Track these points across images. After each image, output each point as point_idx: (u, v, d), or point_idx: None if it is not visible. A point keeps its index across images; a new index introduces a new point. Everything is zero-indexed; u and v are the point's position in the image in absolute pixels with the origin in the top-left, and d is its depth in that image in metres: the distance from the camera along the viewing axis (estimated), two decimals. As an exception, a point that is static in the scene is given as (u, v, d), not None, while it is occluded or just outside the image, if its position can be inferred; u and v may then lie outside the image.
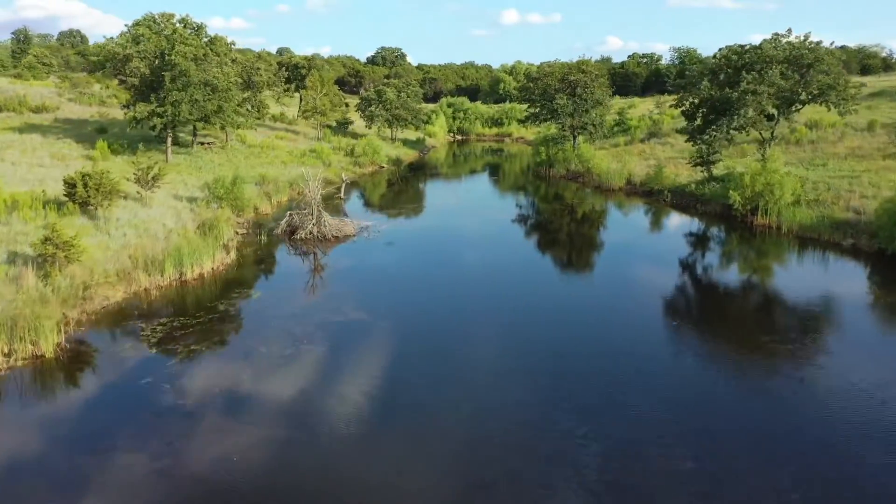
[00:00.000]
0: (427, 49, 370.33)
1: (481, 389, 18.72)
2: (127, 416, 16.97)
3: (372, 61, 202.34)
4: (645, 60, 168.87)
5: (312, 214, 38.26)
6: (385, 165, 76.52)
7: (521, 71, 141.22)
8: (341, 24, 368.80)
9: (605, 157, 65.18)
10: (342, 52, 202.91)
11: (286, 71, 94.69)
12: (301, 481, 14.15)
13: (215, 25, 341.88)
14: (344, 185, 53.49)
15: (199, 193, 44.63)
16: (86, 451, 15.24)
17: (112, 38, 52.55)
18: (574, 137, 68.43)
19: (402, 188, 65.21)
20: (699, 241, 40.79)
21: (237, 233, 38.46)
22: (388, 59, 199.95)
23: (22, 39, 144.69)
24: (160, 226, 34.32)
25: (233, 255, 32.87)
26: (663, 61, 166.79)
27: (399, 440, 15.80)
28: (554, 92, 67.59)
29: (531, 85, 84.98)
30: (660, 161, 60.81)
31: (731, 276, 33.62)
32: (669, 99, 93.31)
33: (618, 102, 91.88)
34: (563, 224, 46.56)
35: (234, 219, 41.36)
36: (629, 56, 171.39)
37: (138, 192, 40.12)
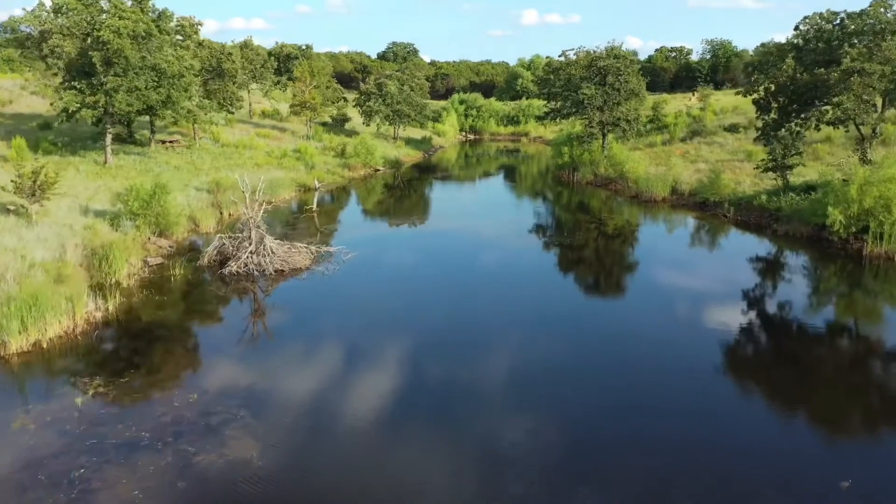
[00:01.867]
0: (444, 50, 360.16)
1: None
2: None
3: (382, 57, 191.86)
4: (673, 55, 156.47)
5: (250, 239, 27.62)
6: (381, 168, 65.87)
7: (540, 65, 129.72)
8: (360, 24, 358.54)
9: (641, 159, 53.90)
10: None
11: (276, 61, 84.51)
12: None
13: (236, 26, 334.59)
14: (317, 192, 42.88)
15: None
16: None
17: (32, 10, 42.29)
18: (603, 136, 57.15)
19: (395, 196, 54.47)
20: (781, 276, 29.54)
21: (147, 264, 27.94)
22: (399, 55, 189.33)
23: (9, 32, 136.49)
24: (20, 258, 23.86)
25: (114, 304, 22.26)
26: (693, 56, 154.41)
27: None
28: (579, 80, 56.41)
29: (551, 76, 73.93)
30: (710, 164, 49.53)
31: (838, 330, 22.53)
32: (713, 92, 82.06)
33: (648, 98, 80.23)
34: (600, 249, 35.50)
35: (154, 242, 30.94)
36: (656, 50, 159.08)
37: (23, 207, 29.86)
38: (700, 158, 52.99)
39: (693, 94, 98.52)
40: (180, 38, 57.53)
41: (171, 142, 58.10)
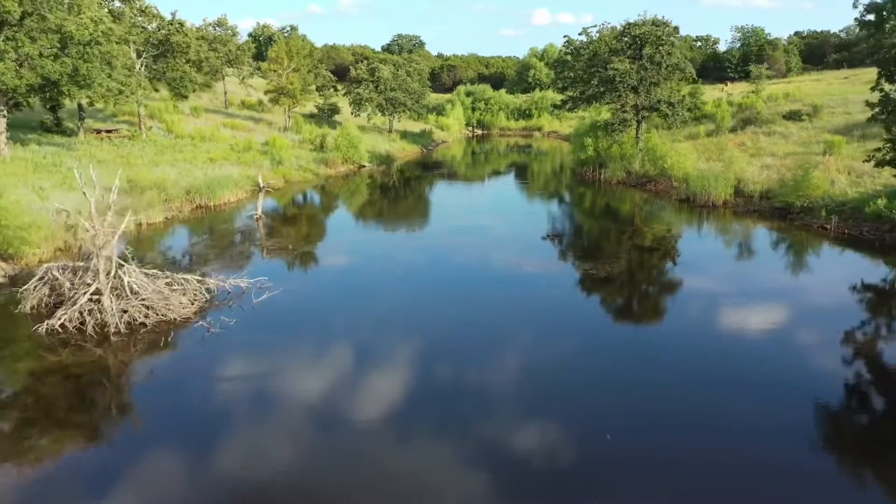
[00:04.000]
0: (454, 49, 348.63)
1: None
2: None
3: (387, 49, 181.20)
4: (699, 44, 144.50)
5: (97, 272, 17.00)
6: (367, 164, 55.24)
7: (555, 54, 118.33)
8: (371, 25, 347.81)
9: (687, 152, 42.74)
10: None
11: (255, 43, 74.10)
12: None
13: (248, 27, 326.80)
14: (262, 194, 32.20)
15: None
16: None
17: None
18: (638, 123, 46.04)
19: (377, 200, 43.67)
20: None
21: (-64, 309, 17.43)
22: (404, 47, 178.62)
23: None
24: None
25: None
26: (720, 45, 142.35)
27: None
28: (608, 55, 45.40)
29: (569, 57, 62.97)
30: (779, 158, 38.50)
31: None
32: (769, 72, 71.17)
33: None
34: (656, 286, 24.56)
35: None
36: (681, 39, 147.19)
37: None
38: (763, 151, 41.83)
39: (726, 85, 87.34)
40: (119, 3, 47.60)
41: (108, 132, 47.95)
